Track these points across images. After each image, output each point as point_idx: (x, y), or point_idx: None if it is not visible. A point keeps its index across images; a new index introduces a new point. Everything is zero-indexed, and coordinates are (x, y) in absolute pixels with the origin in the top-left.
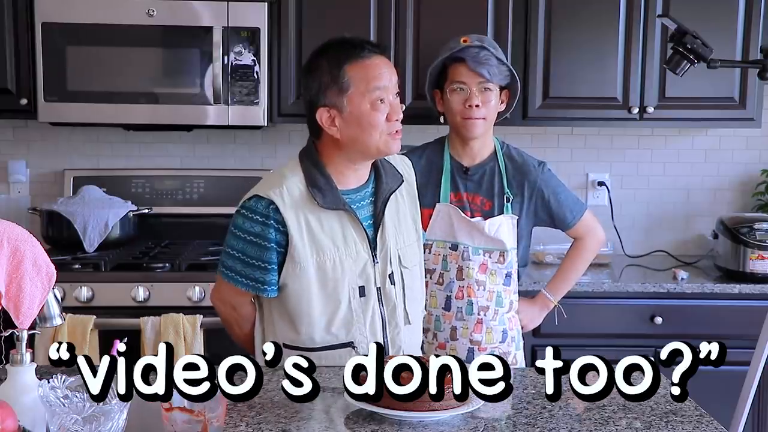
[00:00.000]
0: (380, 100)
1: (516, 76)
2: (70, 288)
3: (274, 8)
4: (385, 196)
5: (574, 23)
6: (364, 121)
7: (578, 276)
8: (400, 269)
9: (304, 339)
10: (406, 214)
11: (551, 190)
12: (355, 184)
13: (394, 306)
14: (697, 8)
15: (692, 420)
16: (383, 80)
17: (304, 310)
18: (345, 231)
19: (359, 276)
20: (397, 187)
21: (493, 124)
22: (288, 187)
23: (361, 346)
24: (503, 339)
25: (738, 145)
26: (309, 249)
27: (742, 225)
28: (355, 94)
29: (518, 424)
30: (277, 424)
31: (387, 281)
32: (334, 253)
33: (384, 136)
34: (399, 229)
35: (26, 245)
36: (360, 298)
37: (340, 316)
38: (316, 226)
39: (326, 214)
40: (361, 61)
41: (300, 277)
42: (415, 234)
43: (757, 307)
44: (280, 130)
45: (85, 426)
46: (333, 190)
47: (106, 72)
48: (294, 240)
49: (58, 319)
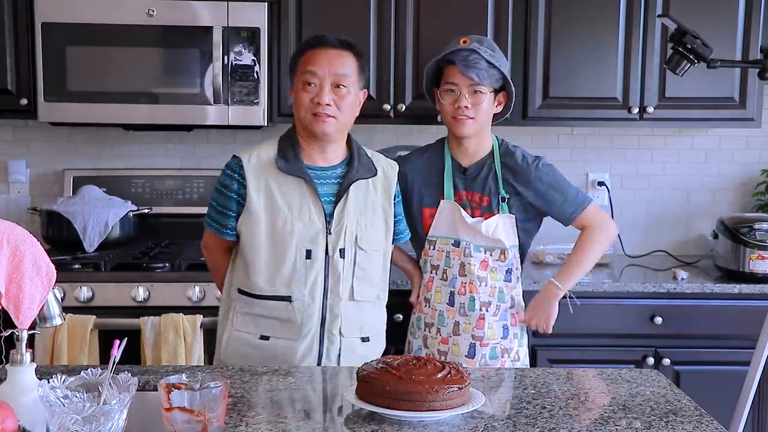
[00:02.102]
0: (309, 83)
1: (509, 79)
2: (70, 288)
3: (274, 8)
4: (351, 180)
5: (574, 23)
6: (297, 98)
7: (587, 264)
8: (355, 248)
9: (252, 285)
10: (375, 204)
11: (548, 185)
12: (322, 163)
13: (339, 277)
14: (697, 8)
15: (692, 420)
16: (316, 65)
17: (254, 259)
18: (302, 198)
19: (309, 241)
20: (367, 177)
21: (492, 125)
22: (260, 152)
23: (298, 302)
24: (505, 335)
25: (738, 145)
26: (264, 205)
27: (742, 225)
28: (297, 75)
29: (518, 424)
30: (277, 424)
31: (337, 254)
32: (287, 213)
33: (308, 115)
34: (363, 214)
35: (26, 245)
36: (306, 260)
37: (284, 271)
38: (275, 188)
39: (287, 179)
40: (312, 50)
41: (252, 227)
42: (384, 225)
43: (757, 307)
44: (280, 130)
45: (85, 426)
46: (298, 161)
47: (106, 72)
48: (250, 193)
49: (58, 319)
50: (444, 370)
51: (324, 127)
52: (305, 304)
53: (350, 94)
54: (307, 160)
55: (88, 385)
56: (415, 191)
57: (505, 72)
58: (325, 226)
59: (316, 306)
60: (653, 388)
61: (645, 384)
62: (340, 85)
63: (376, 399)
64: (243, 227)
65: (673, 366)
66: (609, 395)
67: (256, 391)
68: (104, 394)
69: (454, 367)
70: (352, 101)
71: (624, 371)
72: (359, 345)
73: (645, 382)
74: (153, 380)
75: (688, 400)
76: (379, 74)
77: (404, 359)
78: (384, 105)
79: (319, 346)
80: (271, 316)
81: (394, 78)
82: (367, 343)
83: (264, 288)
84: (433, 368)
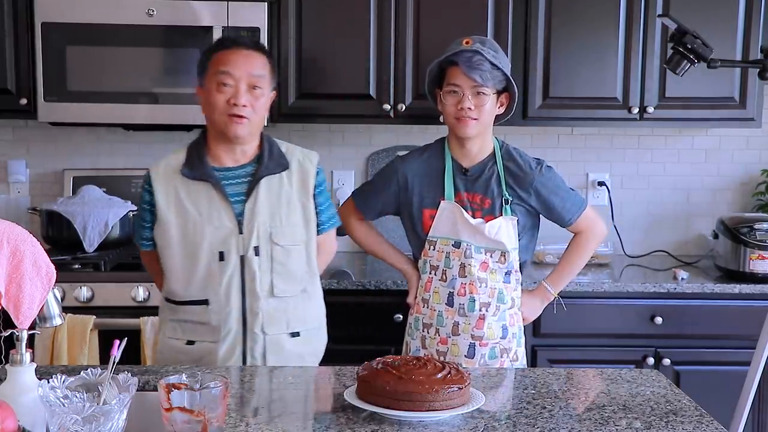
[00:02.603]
0: (223, 84)
1: (512, 80)
2: (70, 288)
3: (274, 8)
4: (259, 176)
5: (574, 23)
6: (211, 99)
7: (577, 270)
8: (270, 244)
9: (172, 292)
10: (291, 197)
11: (549, 190)
12: (231, 163)
13: (255, 276)
14: (697, 8)
15: (692, 420)
16: (230, 66)
17: (168, 266)
18: (210, 201)
19: (221, 243)
20: (277, 172)
21: (493, 125)
22: (168, 161)
23: (214, 305)
24: (504, 335)
25: (738, 145)
26: (174, 212)
27: (742, 225)
28: (209, 75)
29: (518, 424)
30: (277, 424)
31: (251, 252)
32: (196, 218)
33: (224, 117)
34: (277, 209)
35: (26, 245)
36: (219, 262)
37: (198, 275)
38: (184, 195)
39: (195, 185)
40: (223, 51)
41: (164, 235)
42: (302, 218)
43: (757, 307)
44: (280, 130)
45: (84, 426)
46: (203, 165)
47: (106, 72)
48: (159, 202)
49: (57, 319)
50: (444, 370)
51: (238, 130)
52: (221, 305)
53: (264, 95)
54: (215, 162)
55: (88, 385)
56: (416, 192)
57: (508, 73)
58: (236, 226)
59: (234, 307)
60: (653, 388)
61: (645, 384)
62: (255, 87)
63: (376, 399)
64: (157, 236)
65: (673, 366)
66: (609, 395)
67: (256, 391)
68: (104, 394)
69: (454, 367)
70: (266, 102)
71: (624, 371)
72: (287, 341)
73: (645, 382)
74: (153, 380)
75: (688, 400)
76: (379, 74)
77: (404, 359)
78: (384, 105)
79: (243, 346)
80: (192, 321)
81: (394, 78)
82: (298, 338)
83: (182, 294)
84: (433, 368)
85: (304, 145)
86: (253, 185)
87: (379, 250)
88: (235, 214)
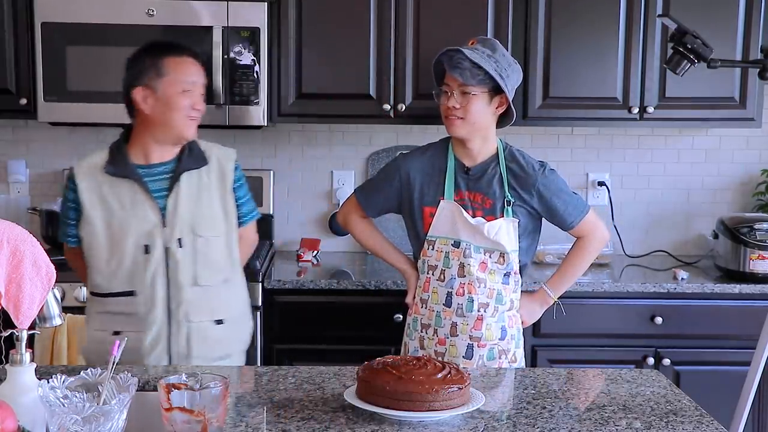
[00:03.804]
0: (188, 90)
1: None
2: (70, 288)
3: (274, 8)
4: (180, 172)
5: (574, 23)
6: (172, 102)
7: (579, 274)
8: (192, 236)
9: (99, 286)
10: (211, 191)
11: (552, 193)
12: (156, 160)
13: (178, 266)
14: (697, 8)
15: (692, 420)
16: (193, 76)
17: (94, 260)
18: (135, 197)
19: (146, 236)
20: (196, 167)
21: (496, 128)
22: (92, 159)
23: (141, 296)
24: (502, 336)
25: (738, 145)
26: (98, 208)
27: (743, 225)
28: (169, 81)
29: (518, 424)
30: (277, 424)
31: (175, 244)
32: (121, 214)
33: (185, 120)
34: (198, 202)
35: (26, 245)
36: (145, 255)
37: (124, 268)
38: (107, 191)
39: (118, 182)
40: (178, 57)
41: (89, 231)
42: (222, 211)
43: (757, 307)
44: (280, 130)
45: (84, 426)
46: (126, 163)
47: (106, 72)
48: (83, 200)
49: (57, 319)
50: (444, 370)
51: (194, 132)
52: (147, 296)
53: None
54: (139, 159)
55: (88, 385)
56: (417, 189)
57: (492, 72)
58: (160, 219)
59: (159, 296)
60: (653, 388)
61: (645, 384)
62: (203, 93)
63: (376, 399)
64: (82, 232)
65: (673, 366)
66: (609, 395)
67: (257, 391)
68: (104, 394)
69: (454, 368)
70: None
71: (624, 371)
72: (212, 328)
73: (645, 382)
74: (153, 380)
75: (688, 400)
76: (379, 74)
77: (404, 359)
78: (384, 105)
79: (168, 334)
80: (118, 312)
81: (394, 78)
82: (222, 325)
83: (108, 286)
84: (433, 368)
85: (301, 144)
86: (175, 180)
87: (379, 248)
88: (159, 208)
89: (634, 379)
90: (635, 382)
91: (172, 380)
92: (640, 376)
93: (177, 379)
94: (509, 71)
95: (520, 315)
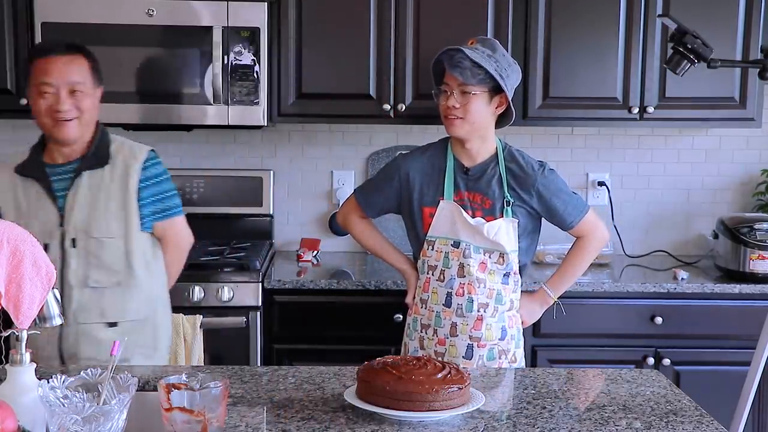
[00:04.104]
0: (44, 92)
1: (503, 79)
2: None
3: (274, 8)
4: (79, 171)
5: (574, 23)
6: (33, 105)
7: (578, 274)
8: (86, 237)
9: None
10: (111, 192)
11: (552, 193)
12: (62, 160)
13: (70, 266)
14: (697, 8)
15: (692, 420)
16: (50, 75)
17: None
18: (39, 196)
19: (46, 235)
20: (97, 167)
21: (496, 128)
22: (13, 158)
23: None
24: (502, 336)
25: (738, 145)
26: (12, 207)
27: (743, 225)
28: (31, 83)
29: (518, 424)
30: (277, 424)
31: (69, 243)
32: (26, 212)
33: (48, 121)
34: (95, 203)
35: (26, 245)
36: None
37: None
38: (20, 191)
39: (28, 181)
40: (42, 58)
41: None
42: (123, 212)
43: (757, 307)
44: (279, 130)
45: (84, 426)
46: (36, 163)
47: (106, 72)
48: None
49: (57, 319)
50: (444, 370)
51: (65, 133)
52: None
53: (87, 96)
54: (50, 159)
55: (88, 385)
56: (416, 189)
57: (493, 72)
58: (59, 219)
59: None
60: (653, 388)
61: (645, 384)
62: (75, 91)
63: (376, 399)
64: None
65: (673, 366)
66: (609, 395)
67: (256, 391)
68: (104, 394)
69: (454, 367)
70: (91, 102)
71: (624, 371)
72: (102, 330)
73: (645, 382)
74: (153, 380)
75: (688, 400)
76: (379, 74)
77: (404, 359)
78: (384, 105)
79: (60, 334)
80: None
81: (394, 78)
82: (116, 328)
83: None
84: (433, 368)
85: (301, 144)
86: (74, 180)
87: (379, 248)
88: (57, 207)
89: (634, 379)
90: (635, 382)
91: (172, 380)
92: (640, 376)
93: (177, 379)
94: (509, 71)
95: (520, 315)
